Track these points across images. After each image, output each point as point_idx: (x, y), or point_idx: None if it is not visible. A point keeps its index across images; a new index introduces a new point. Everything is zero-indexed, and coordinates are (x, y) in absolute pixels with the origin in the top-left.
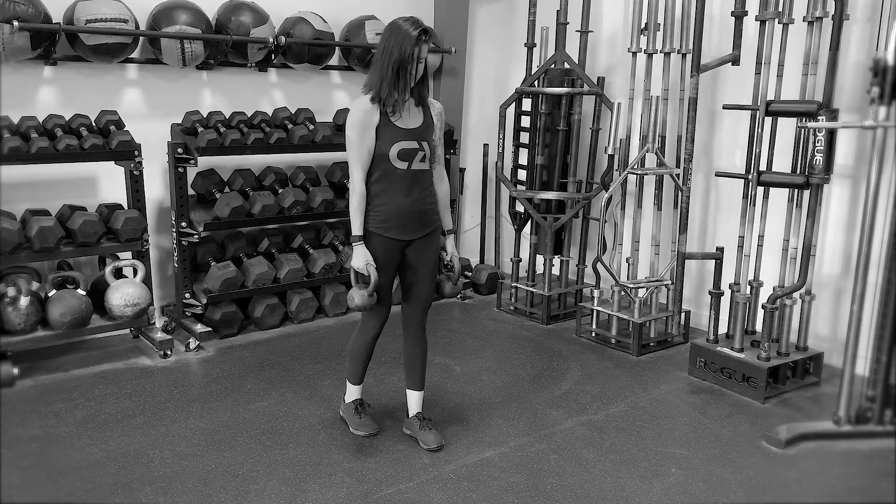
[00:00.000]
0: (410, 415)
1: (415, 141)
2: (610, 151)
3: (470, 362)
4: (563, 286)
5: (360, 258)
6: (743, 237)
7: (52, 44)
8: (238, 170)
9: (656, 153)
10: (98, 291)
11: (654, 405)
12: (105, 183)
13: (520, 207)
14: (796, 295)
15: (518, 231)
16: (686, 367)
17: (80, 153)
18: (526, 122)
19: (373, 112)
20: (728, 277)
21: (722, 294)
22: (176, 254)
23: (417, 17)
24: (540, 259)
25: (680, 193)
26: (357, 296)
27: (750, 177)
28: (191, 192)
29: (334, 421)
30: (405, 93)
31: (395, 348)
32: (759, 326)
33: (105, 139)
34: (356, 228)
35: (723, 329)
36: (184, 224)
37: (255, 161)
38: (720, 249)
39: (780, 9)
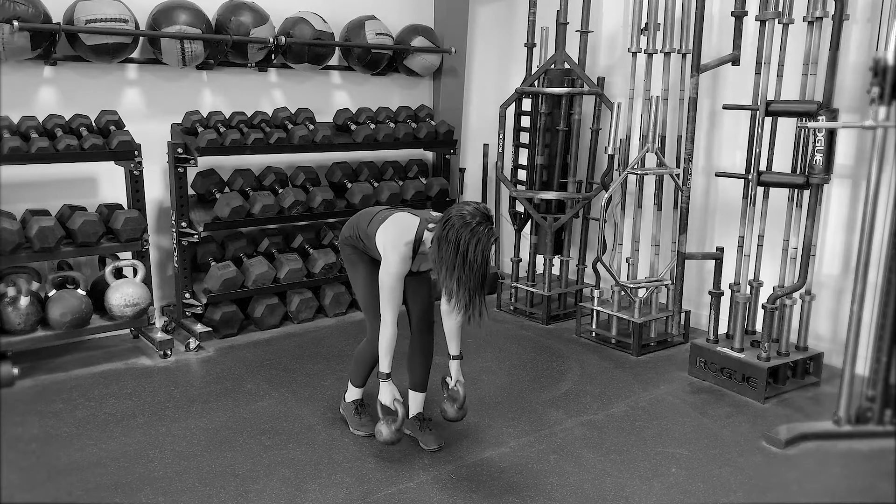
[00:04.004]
0: (411, 415)
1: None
2: (610, 151)
3: (470, 362)
4: (563, 286)
5: (387, 395)
6: (743, 237)
7: (52, 44)
8: (238, 170)
9: (656, 153)
10: (98, 291)
11: (654, 405)
12: (105, 183)
13: (520, 207)
14: (796, 295)
15: (518, 231)
16: (686, 367)
17: (80, 153)
18: (526, 122)
19: (408, 262)
20: (728, 277)
21: (722, 294)
22: (176, 254)
23: (484, 207)
24: (540, 259)
25: (680, 193)
26: (385, 431)
27: (750, 177)
28: (191, 192)
29: (334, 421)
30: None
31: (398, 349)
32: (759, 326)
33: (105, 139)
34: (385, 366)
35: (723, 329)
36: (184, 224)
37: (255, 161)
38: (720, 249)
39: (780, 9)
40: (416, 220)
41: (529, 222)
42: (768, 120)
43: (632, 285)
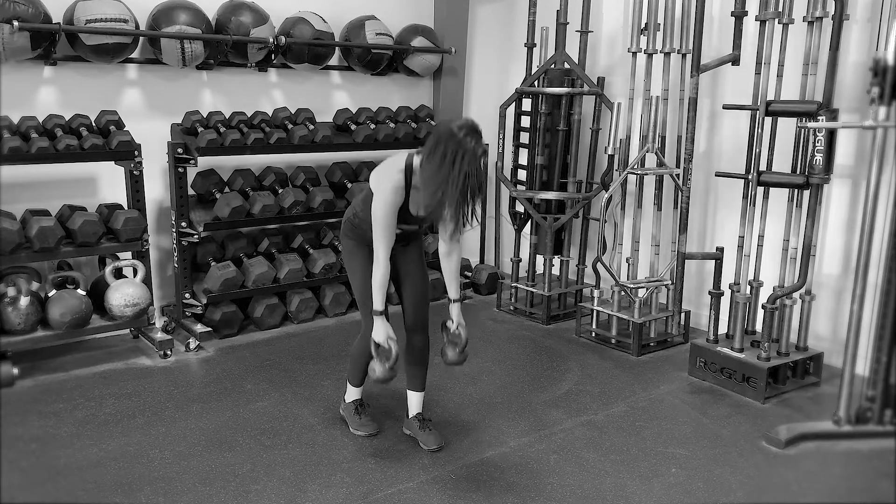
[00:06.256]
0: (410, 415)
1: (416, 225)
2: (610, 151)
3: (470, 362)
4: (563, 286)
5: (381, 332)
6: (743, 237)
7: (52, 44)
8: (238, 170)
9: (656, 153)
10: (98, 291)
11: (654, 405)
12: (105, 183)
13: (520, 207)
14: (796, 295)
15: (518, 231)
16: (686, 367)
17: (80, 153)
18: (526, 122)
19: (401, 192)
20: (728, 277)
21: (722, 294)
22: (176, 254)
23: (471, 121)
24: (540, 259)
25: (680, 193)
26: (378, 369)
27: (750, 177)
28: (191, 192)
29: (334, 421)
30: (460, 211)
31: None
32: (759, 326)
33: (105, 139)
34: (378, 303)
35: (723, 329)
36: (184, 224)
37: (255, 161)
38: (720, 249)
39: (780, 9)
40: (406, 152)
41: (529, 222)
42: (768, 120)
43: (632, 285)
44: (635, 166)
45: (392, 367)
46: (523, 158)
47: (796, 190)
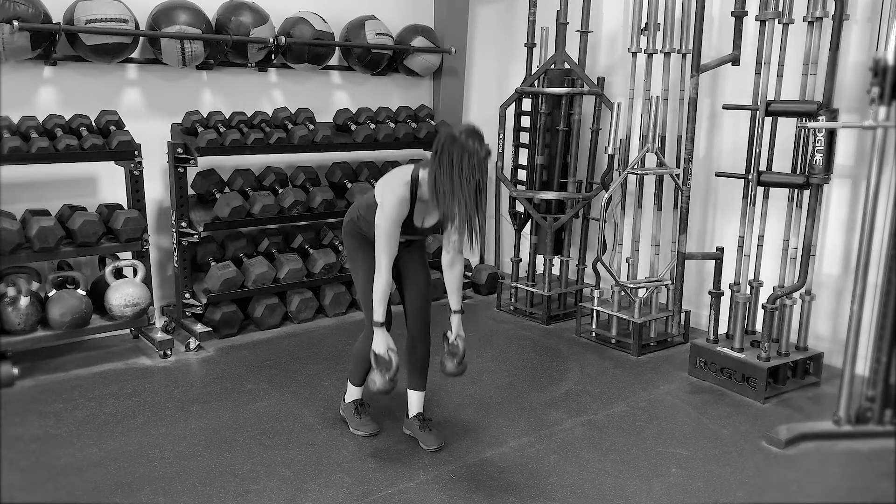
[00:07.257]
0: (411, 415)
1: (421, 236)
2: (610, 151)
3: (470, 362)
4: (563, 286)
5: (382, 343)
6: (743, 237)
7: (52, 44)
8: (238, 170)
9: (656, 153)
10: (98, 291)
11: (654, 405)
12: (105, 183)
13: (520, 207)
14: (796, 295)
15: (518, 231)
16: (686, 367)
17: (80, 153)
18: (526, 122)
19: (406, 204)
20: (728, 277)
21: (722, 294)
22: (176, 254)
23: (472, 125)
24: (540, 259)
25: (680, 193)
26: (378, 380)
27: (750, 177)
28: (191, 192)
29: (334, 421)
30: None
31: (397, 348)
32: (759, 326)
33: (105, 139)
34: (379, 315)
35: (723, 329)
36: (184, 224)
37: (255, 161)
38: (720, 249)
39: (780, 9)
40: (412, 165)
41: (529, 222)
42: (768, 120)
43: (632, 285)
44: (635, 166)
45: (392, 379)
46: (523, 158)
47: (796, 190)
